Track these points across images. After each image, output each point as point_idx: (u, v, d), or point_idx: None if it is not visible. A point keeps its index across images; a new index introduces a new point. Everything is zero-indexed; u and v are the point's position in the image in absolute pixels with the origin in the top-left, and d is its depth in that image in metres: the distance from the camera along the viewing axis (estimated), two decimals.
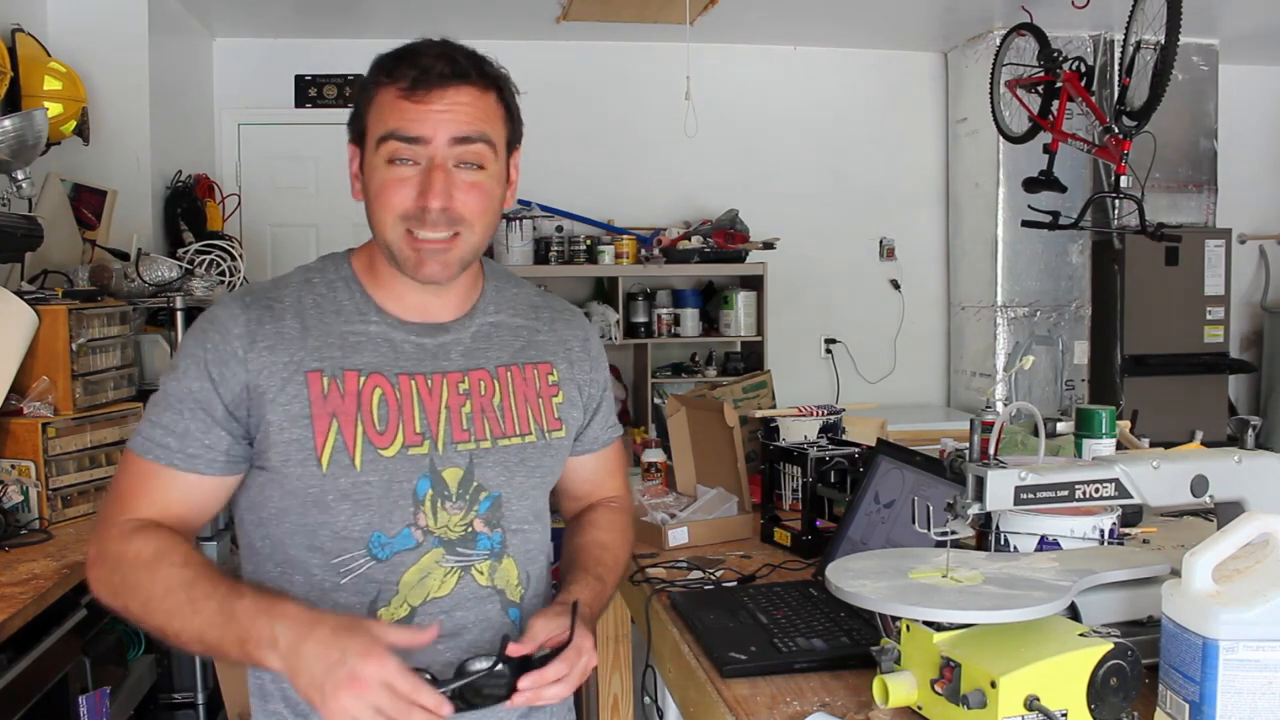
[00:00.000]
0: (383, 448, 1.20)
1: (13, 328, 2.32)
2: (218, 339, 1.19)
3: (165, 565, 1.12)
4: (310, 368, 1.19)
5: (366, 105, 1.21)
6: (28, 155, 2.77)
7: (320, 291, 1.25)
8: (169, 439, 1.18)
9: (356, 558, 1.19)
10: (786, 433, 2.28)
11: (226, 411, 1.18)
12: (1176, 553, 1.15)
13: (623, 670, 2.42)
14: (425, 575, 1.21)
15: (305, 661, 1.02)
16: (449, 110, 1.18)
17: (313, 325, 1.22)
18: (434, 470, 1.22)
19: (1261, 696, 1.00)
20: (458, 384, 1.25)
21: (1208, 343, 5.18)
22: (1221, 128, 5.33)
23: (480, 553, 1.24)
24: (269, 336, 1.19)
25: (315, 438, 1.18)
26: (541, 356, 1.34)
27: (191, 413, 1.18)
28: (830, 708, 1.22)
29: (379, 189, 1.19)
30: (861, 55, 5.49)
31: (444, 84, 1.18)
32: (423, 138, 1.17)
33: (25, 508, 2.27)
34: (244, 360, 1.18)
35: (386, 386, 1.21)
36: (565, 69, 5.19)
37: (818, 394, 5.23)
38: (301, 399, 1.18)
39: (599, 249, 4.98)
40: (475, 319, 1.30)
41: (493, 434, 1.26)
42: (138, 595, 1.12)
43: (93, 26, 3.70)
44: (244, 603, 1.07)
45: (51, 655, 1.94)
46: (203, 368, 1.18)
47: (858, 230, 5.53)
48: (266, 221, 4.95)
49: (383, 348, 1.23)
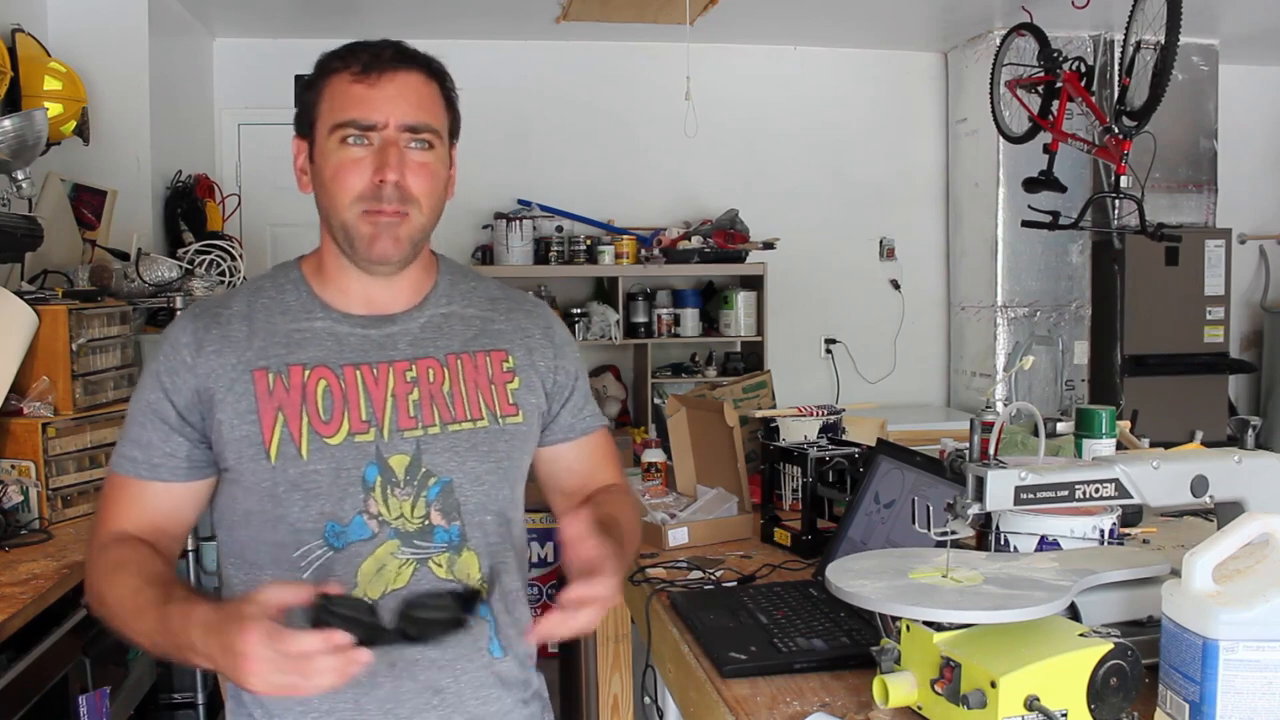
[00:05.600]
0: (328, 436, 1.22)
1: (13, 328, 2.32)
2: (168, 350, 1.26)
3: (123, 574, 1.18)
4: (256, 366, 1.24)
5: (316, 97, 1.25)
6: (28, 155, 2.77)
7: (269, 295, 1.30)
8: (135, 452, 1.25)
9: (314, 549, 1.22)
10: (786, 433, 2.28)
11: (180, 417, 1.24)
12: (1176, 553, 1.15)
13: (623, 670, 2.42)
14: (381, 566, 1.23)
15: (215, 658, 1.04)
16: (400, 94, 1.23)
17: (260, 327, 1.26)
18: (380, 457, 1.24)
19: (1261, 696, 1.00)
20: (404, 372, 1.27)
21: (1208, 343, 5.18)
22: (1221, 128, 5.33)
23: (438, 546, 1.25)
24: (215, 341, 1.25)
25: (263, 432, 1.22)
26: (495, 344, 1.35)
27: (151, 424, 1.24)
28: (830, 708, 1.22)
29: (334, 172, 1.23)
30: (861, 55, 5.49)
31: (394, 67, 1.24)
32: (378, 122, 1.22)
33: (25, 508, 2.27)
34: (192, 367, 1.24)
35: (331, 377, 1.25)
36: (565, 69, 5.20)
37: (818, 394, 5.23)
38: (248, 396, 1.22)
39: (599, 249, 4.98)
40: (425, 310, 1.32)
41: (441, 420, 1.27)
42: (106, 603, 1.19)
43: (93, 26, 3.70)
44: (171, 609, 1.10)
45: (51, 655, 1.94)
46: (156, 379, 1.25)
47: (858, 230, 5.53)
48: (266, 221, 4.95)
49: (328, 341, 1.27)
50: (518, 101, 5.15)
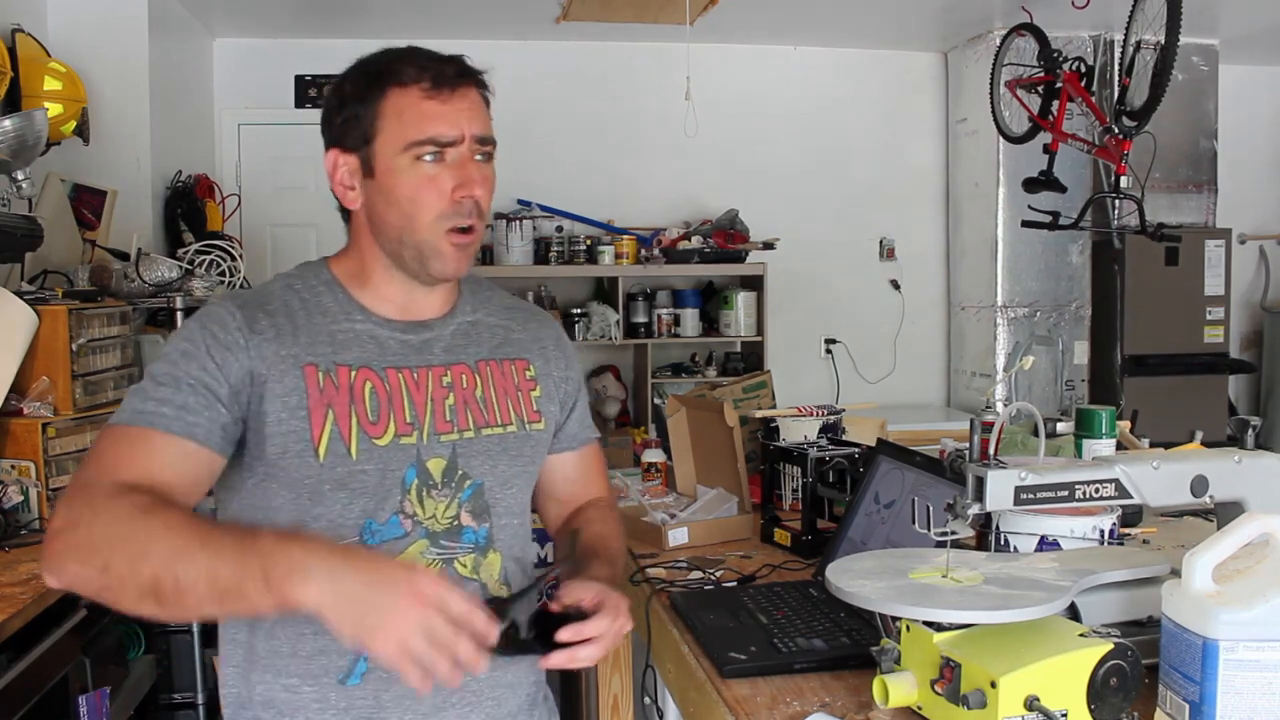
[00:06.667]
0: (376, 437, 1.23)
1: (13, 328, 2.32)
2: (217, 329, 1.21)
3: (166, 511, 1.06)
4: (306, 361, 1.22)
5: (375, 112, 1.22)
6: (28, 155, 2.77)
7: (304, 295, 1.28)
8: (164, 408, 1.15)
9: (349, 545, 1.21)
10: (786, 433, 2.28)
11: (231, 391, 1.18)
12: (1176, 553, 1.15)
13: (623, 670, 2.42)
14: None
15: (347, 587, 0.98)
16: (470, 108, 1.24)
17: (302, 324, 1.25)
18: (419, 459, 1.25)
19: (1261, 696, 1.00)
20: (441, 377, 1.29)
21: (1208, 343, 5.18)
22: (1221, 128, 5.32)
23: (464, 546, 1.27)
24: (266, 329, 1.22)
25: (312, 429, 1.20)
26: (518, 353, 1.38)
27: (192, 389, 1.16)
28: (830, 708, 1.22)
29: (413, 191, 1.22)
30: (861, 55, 5.49)
31: (456, 84, 1.23)
32: (456, 139, 1.22)
33: (25, 508, 2.27)
34: (245, 347, 1.20)
35: (376, 380, 1.25)
36: (565, 69, 5.20)
37: (818, 394, 5.23)
38: (299, 391, 1.21)
39: (599, 249, 4.98)
40: (455, 317, 1.34)
41: (475, 424, 1.30)
42: (129, 545, 1.03)
43: (93, 26, 3.70)
44: (265, 535, 1.03)
45: (51, 655, 1.94)
46: (205, 353, 1.19)
47: (858, 230, 5.53)
48: (266, 221, 4.95)
49: (369, 344, 1.27)
50: (518, 101, 5.14)
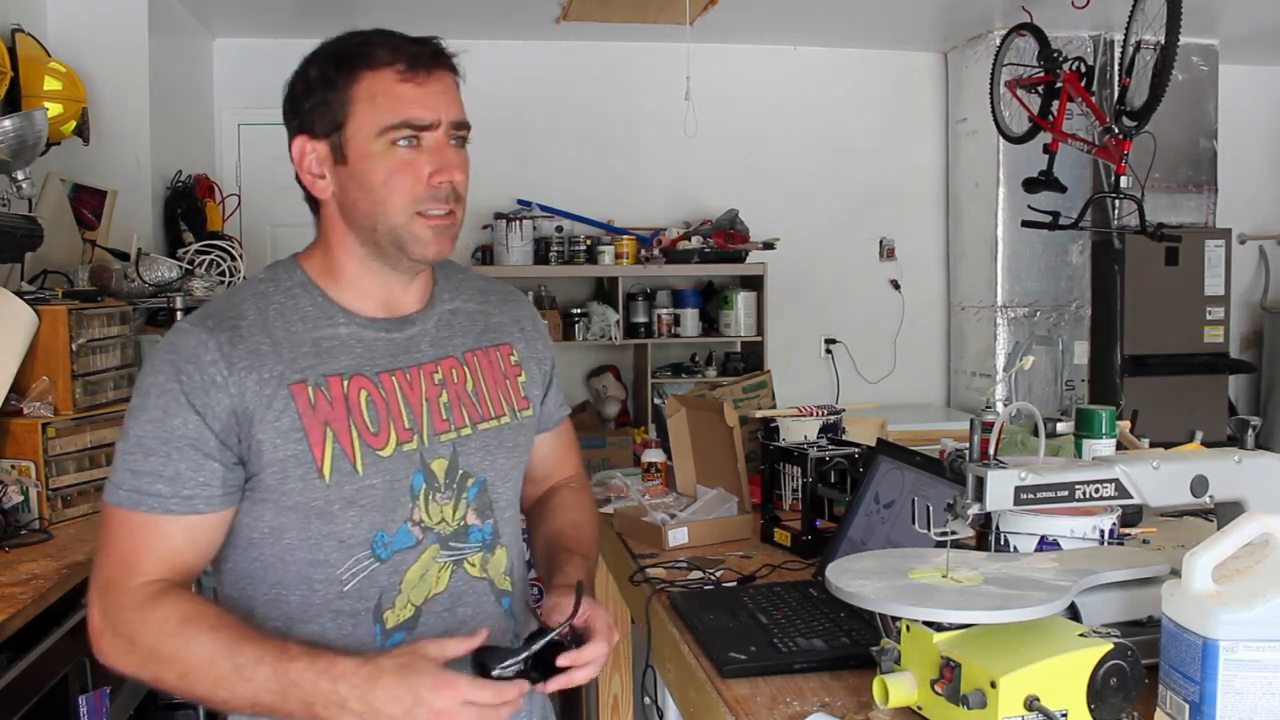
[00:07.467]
0: (379, 449, 1.19)
1: (13, 328, 2.32)
2: (192, 370, 1.14)
3: (198, 632, 1.08)
4: (292, 380, 1.16)
5: (346, 96, 1.18)
6: (28, 155, 2.76)
7: (279, 300, 1.22)
8: (158, 485, 1.12)
9: (361, 560, 1.19)
10: (786, 433, 2.28)
11: (219, 442, 1.14)
12: (1176, 553, 1.15)
13: (623, 670, 2.42)
14: (424, 572, 1.22)
15: (382, 713, 1.03)
16: (444, 91, 1.20)
17: (281, 338, 1.18)
18: (424, 464, 1.22)
19: (1261, 696, 1.00)
20: (432, 374, 1.26)
21: (1208, 343, 5.18)
22: (1221, 128, 5.32)
23: (472, 545, 1.26)
24: (244, 356, 1.15)
25: (313, 449, 1.15)
26: (501, 338, 1.35)
27: (180, 453, 1.12)
28: (830, 708, 1.22)
29: (387, 176, 1.17)
30: (861, 55, 5.49)
31: (432, 66, 1.20)
32: (432, 122, 1.18)
33: (25, 508, 2.27)
34: (225, 385, 1.14)
35: (371, 387, 1.20)
36: (565, 69, 5.20)
37: (818, 394, 5.23)
38: (290, 413, 1.15)
39: (599, 249, 4.98)
40: (436, 308, 1.31)
41: (471, 420, 1.27)
42: (174, 667, 1.08)
43: (93, 26, 3.69)
44: (298, 666, 1.05)
45: (51, 655, 1.94)
46: (184, 402, 1.13)
47: (858, 230, 5.53)
48: (266, 221, 4.94)
49: (357, 349, 1.22)
50: (518, 101, 5.15)
